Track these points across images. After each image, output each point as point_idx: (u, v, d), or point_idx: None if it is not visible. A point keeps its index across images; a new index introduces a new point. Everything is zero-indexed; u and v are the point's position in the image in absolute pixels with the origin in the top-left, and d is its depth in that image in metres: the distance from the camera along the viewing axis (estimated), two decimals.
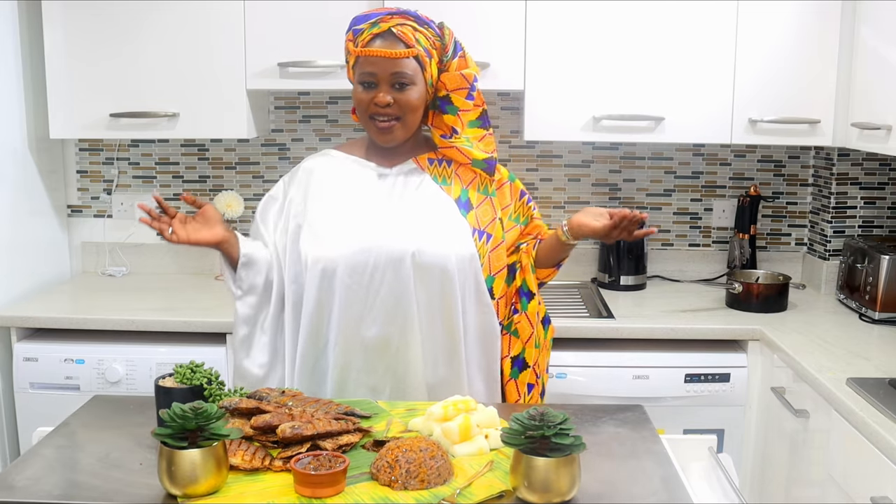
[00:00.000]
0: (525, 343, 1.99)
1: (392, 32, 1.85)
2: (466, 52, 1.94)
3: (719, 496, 1.62)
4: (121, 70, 2.77)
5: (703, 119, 2.74)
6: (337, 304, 1.87)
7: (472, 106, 1.94)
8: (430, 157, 1.98)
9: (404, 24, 1.86)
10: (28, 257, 2.94)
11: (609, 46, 2.72)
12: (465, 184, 1.96)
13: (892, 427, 1.82)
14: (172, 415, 1.36)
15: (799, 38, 2.69)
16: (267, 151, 3.19)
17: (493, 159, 1.97)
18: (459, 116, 1.94)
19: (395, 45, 1.84)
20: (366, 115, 1.90)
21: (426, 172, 1.96)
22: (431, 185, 1.94)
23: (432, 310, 1.88)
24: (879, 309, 2.62)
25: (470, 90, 1.93)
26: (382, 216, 1.90)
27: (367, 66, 1.86)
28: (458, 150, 1.94)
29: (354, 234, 1.87)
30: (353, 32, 1.89)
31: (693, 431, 2.49)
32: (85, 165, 3.22)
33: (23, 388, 2.60)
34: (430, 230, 1.88)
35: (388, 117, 1.88)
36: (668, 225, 3.19)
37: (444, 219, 1.91)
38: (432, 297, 1.87)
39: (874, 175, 2.97)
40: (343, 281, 1.85)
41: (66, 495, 1.40)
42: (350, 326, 1.87)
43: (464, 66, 1.93)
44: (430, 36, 1.89)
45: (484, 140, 1.97)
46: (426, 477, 1.39)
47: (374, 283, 1.85)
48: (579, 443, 1.35)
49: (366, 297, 1.86)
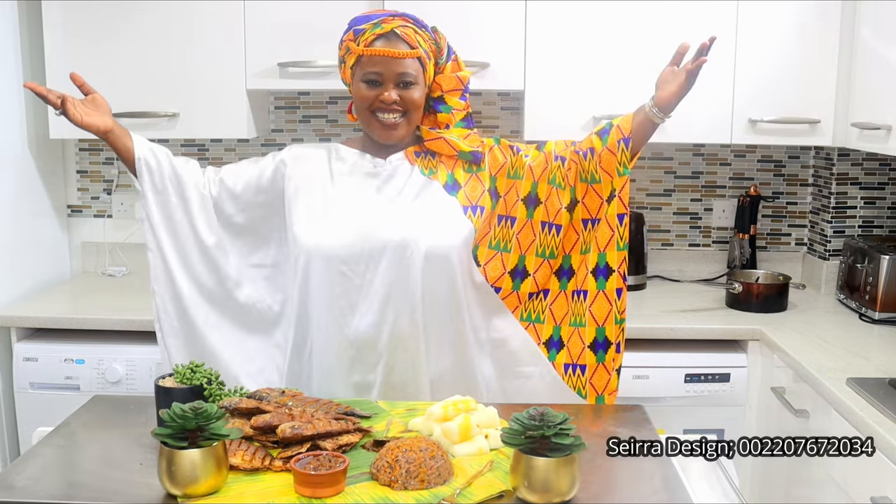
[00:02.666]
0: (559, 322, 2.01)
1: (395, 33, 1.90)
2: (458, 56, 2.01)
3: (719, 496, 1.62)
4: (121, 70, 2.77)
5: (703, 119, 2.74)
6: (331, 293, 1.89)
7: (463, 106, 2.01)
8: (416, 150, 2.02)
9: (405, 25, 1.91)
10: (28, 257, 2.94)
11: (609, 46, 2.72)
12: (450, 169, 2.00)
13: (892, 427, 1.82)
14: (172, 415, 1.36)
15: (799, 38, 2.69)
16: (267, 151, 3.17)
17: (479, 152, 2.00)
18: (453, 115, 2.00)
19: (398, 45, 1.89)
20: (368, 111, 1.94)
21: (414, 165, 2.00)
22: (418, 175, 1.98)
23: (431, 299, 1.89)
24: (879, 309, 2.62)
25: (464, 91, 2.01)
26: (373, 206, 1.94)
27: (371, 65, 1.90)
28: (446, 140, 1.99)
29: (346, 222, 1.91)
30: (354, 32, 1.92)
31: (693, 431, 2.48)
32: (85, 165, 3.22)
33: (23, 388, 2.60)
34: (422, 219, 1.91)
35: (394, 113, 1.92)
36: (668, 225, 3.19)
37: (435, 206, 1.94)
38: (431, 286, 1.89)
39: (874, 175, 2.97)
40: (338, 269, 1.88)
41: (66, 495, 1.40)
42: (341, 316, 1.90)
43: (457, 69, 2.00)
44: (427, 39, 1.94)
45: (469, 138, 2.02)
46: (426, 477, 1.39)
47: (368, 272, 1.88)
48: (579, 443, 1.35)
49: (360, 285, 1.89)
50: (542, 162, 2.00)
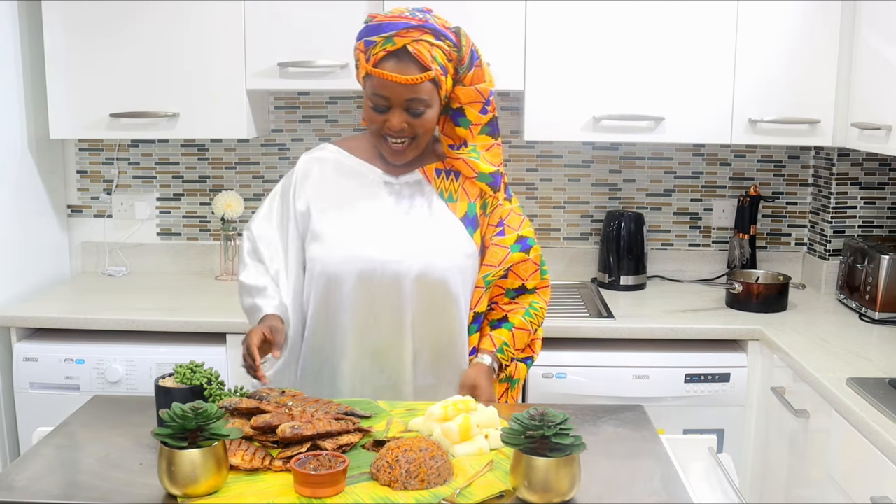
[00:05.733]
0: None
1: (407, 52, 1.75)
2: (483, 62, 1.87)
3: (719, 496, 1.62)
4: (121, 70, 2.77)
5: (703, 119, 2.74)
6: (340, 317, 1.85)
7: (484, 120, 1.88)
8: (438, 167, 1.92)
9: (420, 40, 1.75)
10: (28, 257, 2.94)
11: (609, 46, 2.72)
12: (472, 198, 1.91)
13: (892, 427, 1.82)
14: (172, 415, 1.36)
15: (799, 39, 2.69)
16: (267, 151, 3.19)
17: (499, 174, 1.92)
18: (471, 130, 1.88)
19: (409, 67, 1.75)
20: (378, 134, 1.84)
21: (432, 185, 1.90)
22: (438, 202, 1.89)
23: (432, 326, 1.86)
24: (879, 309, 2.62)
25: (485, 104, 1.87)
26: (388, 232, 1.85)
27: (379, 88, 1.77)
28: (466, 162, 1.89)
29: (360, 247, 1.83)
30: (365, 44, 1.79)
31: (693, 431, 2.49)
32: (85, 165, 3.22)
33: (23, 388, 2.60)
34: (436, 253, 1.84)
35: (401, 140, 1.82)
36: (668, 225, 3.19)
37: (449, 240, 1.87)
38: (434, 315, 1.86)
39: (874, 175, 2.97)
40: (348, 295, 1.83)
41: (66, 495, 1.40)
42: (351, 339, 1.86)
43: (480, 77, 1.86)
44: (446, 49, 1.79)
45: (491, 150, 1.91)
46: (426, 477, 1.39)
47: (378, 299, 1.83)
48: (579, 443, 1.35)
49: (367, 313, 1.84)
50: (494, 261, 1.91)
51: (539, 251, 1.98)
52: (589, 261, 3.18)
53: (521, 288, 1.96)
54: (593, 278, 3.16)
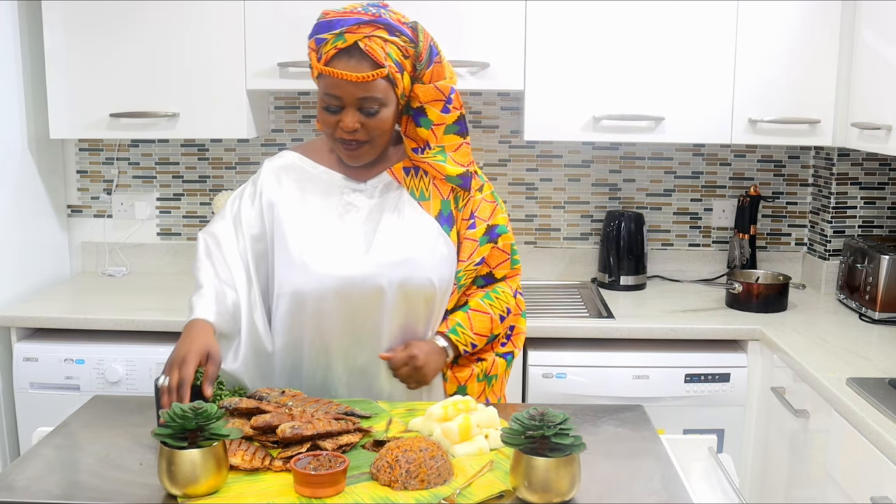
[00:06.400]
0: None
1: (358, 48, 1.66)
2: (444, 57, 1.78)
3: (719, 496, 1.62)
4: (121, 70, 2.77)
5: (703, 119, 2.74)
6: (313, 333, 1.78)
7: (446, 119, 1.78)
8: (405, 165, 1.83)
9: (372, 35, 1.67)
10: (28, 257, 2.94)
11: (609, 46, 2.72)
12: (444, 195, 1.83)
13: (892, 427, 1.82)
14: (172, 415, 1.36)
15: (799, 39, 2.69)
16: (267, 151, 3.19)
17: (468, 174, 1.82)
18: (433, 131, 1.79)
19: (361, 64, 1.66)
20: (332, 136, 1.75)
21: (402, 186, 1.82)
22: (410, 202, 1.80)
23: (410, 335, 1.81)
24: (879, 309, 2.62)
25: (446, 102, 1.77)
26: (360, 242, 1.77)
27: (330, 87, 1.69)
28: (431, 165, 1.80)
29: (331, 262, 1.75)
30: (317, 42, 1.71)
31: (693, 431, 2.49)
32: (85, 165, 3.22)
33: (23, 388, 2.60)
34: (413, 259, 1.76)
35: (355, 143, 1.74)
36: (668, 225, 3.19)
37: (426, 245, 1.78)
38: (412, 323, 1.80)
39: (874, 175, 2.97)
40: (326, 314, 1.75)
41: (66, 495, 1.40)
42: (324, 355, 1.80)
43: (440, 74, 1.76)
44: (402, 44, 1.70)
45: (459, 151, 1.81)
46: (426, 477, 1.39)
47: (359, 313, 1.76)
48: (579, 443, 1.35)
49: (342, 325, 1.77)
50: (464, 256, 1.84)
51: (511, 239, 1.90)
52: (589, 261, 3.18)
53: (488, 276, 1.89)
54: (593, 278, 3.16)
